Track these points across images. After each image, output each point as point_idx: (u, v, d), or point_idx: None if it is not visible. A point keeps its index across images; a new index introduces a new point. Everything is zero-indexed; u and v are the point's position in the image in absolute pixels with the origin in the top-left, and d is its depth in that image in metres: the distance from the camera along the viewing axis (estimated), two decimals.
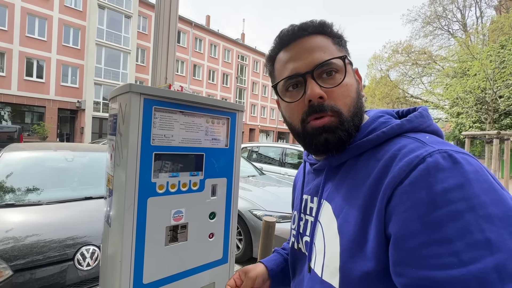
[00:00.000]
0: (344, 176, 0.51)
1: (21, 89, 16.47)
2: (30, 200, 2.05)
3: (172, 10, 1.54)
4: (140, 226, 0.83)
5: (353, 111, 0.51)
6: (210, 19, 29.32)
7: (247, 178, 4.36)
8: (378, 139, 0.48)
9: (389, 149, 0.45)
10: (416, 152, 0.41)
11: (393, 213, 0.39)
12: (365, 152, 0.49)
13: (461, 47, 14.41)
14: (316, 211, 0.55)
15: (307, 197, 0.61)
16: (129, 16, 19.70)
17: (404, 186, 0.38)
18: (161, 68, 1.54)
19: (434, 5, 18.48)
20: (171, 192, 0.90)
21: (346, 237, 0.46)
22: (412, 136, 0.46)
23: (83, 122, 18.25)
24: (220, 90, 27.64)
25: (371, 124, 0.52)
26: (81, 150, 3.00)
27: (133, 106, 0.80)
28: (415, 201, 0.37)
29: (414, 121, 0.49)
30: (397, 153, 0.43)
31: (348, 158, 0.51)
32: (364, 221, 0.43)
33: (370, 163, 0.47)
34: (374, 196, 0.43)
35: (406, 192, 0.38)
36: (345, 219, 0.47)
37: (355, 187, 0.47)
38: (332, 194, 0.52)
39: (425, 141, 0.43)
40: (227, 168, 1.05)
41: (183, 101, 0.90)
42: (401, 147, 0.44)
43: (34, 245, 1.55)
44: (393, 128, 0.48)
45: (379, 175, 0.43)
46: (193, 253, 0.95)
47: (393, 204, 0.39)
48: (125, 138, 0.81)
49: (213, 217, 1.01)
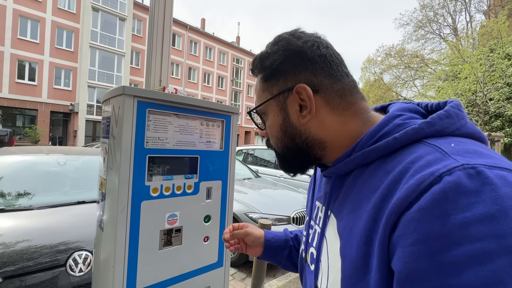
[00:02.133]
0: (350, 188, 0.44)
1: (12, 92, 16.22)
2: (21, 205, 2.00)
3: (167, 13, 1.54)
4: (134, 230, 0.81)
5: (281, 146, 0.52)
6: (205, 22, 29.39)
7: (243, 181, 4.35)
8: (388, 147, 0.40)
9: (402, 160, 0.37)
10: (432, 167, 0.32)
11: (397, 245, 0.31)
12: (374, 161, 0.42)
13: (452, 51, 14.72)
14: (323, 223, 0.50)
15: (318, 204, 0.57)
16: (124, 18, 19.61)
17: (412, 212, 0.31)
18: (155, 71, 1.53)
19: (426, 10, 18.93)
20: (165, 195, 0.89)
21: (348, 262, 0.40)
22: (433, 144, 0.37)
23: (76, 125, 18.02)
24: (215, 93, 27.62)
25: (383, 127, 0.43)
26: (74, 154, 2.96)
27: (127, 108, 0.80)
28: (426, 233, 0.29)
29: (437, 123, 0.39)
30: (409, 167, 0.35)
31: (355, 167, 0.44)
32: (367, 246, 0.36)
33: (379, 175, 0.39)
34: (378, 217, 0.35)
35: (414, 220, 0.30)
36: (348, 240, 0.41)
37: (360, 202, 0.41)
38: (339, 207, 0.46)
39: (448, 151, 0.34)
40: (222, 171, 1.04)
41: (177, 103, 0.89)
42: (416, 158, 0.35)
43: (24, 251, 1.51)
44: (408, 134, 0.39)
45: (386, 192, 0.36)
46: (188, 257, 0.94)
47: (398, 233, 0.32)
48: (118, 141, 0.80)
49: (208, 220, 1.00)
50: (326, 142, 0.48)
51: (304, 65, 0.47)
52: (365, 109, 0.49)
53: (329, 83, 0.47)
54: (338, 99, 0.47)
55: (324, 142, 0.48)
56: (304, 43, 0.48)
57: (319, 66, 0.47)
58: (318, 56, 0.47)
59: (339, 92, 0.47)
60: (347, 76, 0.49)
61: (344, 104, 0.47)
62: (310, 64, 0.47)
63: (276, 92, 0.50)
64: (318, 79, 0.47)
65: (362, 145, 0.43)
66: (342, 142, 0.47)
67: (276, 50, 0.49)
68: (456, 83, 13.25)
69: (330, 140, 0.48)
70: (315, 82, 0.47)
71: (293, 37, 0.49)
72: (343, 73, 0.49)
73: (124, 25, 19.71)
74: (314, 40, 0.48)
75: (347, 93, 0.48)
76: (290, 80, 0.48)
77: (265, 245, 0.72)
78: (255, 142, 31.27)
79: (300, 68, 0.47)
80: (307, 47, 0.47)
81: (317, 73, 0.47)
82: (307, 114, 0.47)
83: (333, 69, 0.47)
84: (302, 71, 0.47)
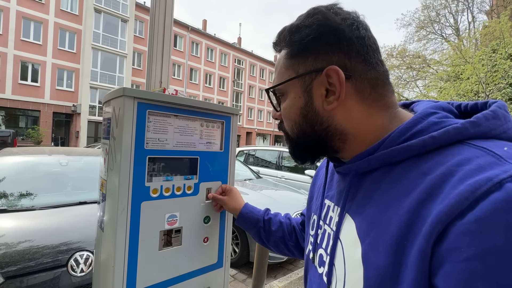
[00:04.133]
0: (374, 188, 0.40)
1: (15, 93, 16.34)
2: (23, 205, 2.02)
3: (167, 14, 1.55)
4: (134, 231, 0.82)
5: (297, 132, 0.47)
6: (206, 24, 29.49)
7: (244, 182, 4.35)
8: (424, 146, 0.35)
9: (442, 162, 0.33)
10: (488, 171, 0.28)
11: (446, 259, 0.28)
12: (404, 161, 0.38)
13: (454, 51, 14.68)
14: (337, 225, 0.45)
15: (329, 203, 0.52)
16: (126, 20, 19.72)
17: (466, 222, 0.27)
18: (156, 72, 1.54)
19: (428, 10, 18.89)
20: (165, 196, 0.89)
21: (373, 271, 0.35)
22: (480, 146, 0.32)
23: (78, 126, 18.11)
24: (216, 93, 27.69)
25: (416, 124, 0.38)
26: (76, 155, 2.97)
27: (127, 110, 0.80)
28: (485, 248, 0.25)
29: (483, 123, 0.35)
30: (454, 170, 0.31)
31: (380, 166, 0.40)
32: (399, 255, 0.32)
33: (411, 176, 0.35)
34: (414, 224, 0.32)
35: (470, 232, 0.26)
36: (372, 247, 0.36)
37: (388, 205, 0.36)
38: (358, 208, 0.42)
39: (502, 155, 0.30)
40: (222, 172, 1.05)
41: (177, 104, 0.90)
42: (463, 161, 0.31)
43: (26, 251, 1.52)
44: (449, 133, 0.35)
45: (424, 196, 0.32)
46: (188, 257, 0.95)
47: (447, 246, 0.28)
48: (118, 142, 0.81)
49: (208, 221, 1.00)
50: (348, 134, 0.44)
51: (340, 45, 0.41)
52: (394, 104, 0.44)
53: (362, 70, 0.42)
54: (369, 89, 0.42)
55: (346, 134, 0.44)
56: (342, 20, 0.42)
57: (355, 49, 0.41)
58: (356, 38, 0.41)
59: (372, 81, 0.42)
60: (382, 64, 0.44)
61: (374, 95, 0.43)
62: (346, 45, 0.41)
63: (302, 71, 0.44)
64: (352, 63, 0.42)
65: (390, 142, 0.39)
66: (365, 136, 0.43)
67: (310, 24, 0.42)
68: (458, 84, 13.19)
69: (353, 132, 0.43)
70: (348, 66, 0.42)
71: (331, 12, 0.43)
72: (378, 61, 0.44)
73: (126, 26, 19.82)
74: (354, 19, 0.43)
75: (380, 83, 0.43)
76: (320, 60, 0.42)
77: (239, 217, 0.87)
78: (256, 143, 31.29)
79: (335, 48, 0.42)
80: (346, 25, 0.42)
81: (352, 57, 0.42)
82: (334, 100, 0.42)
83: (369, 55, 0.42)
84: (336, 52, 0.42)
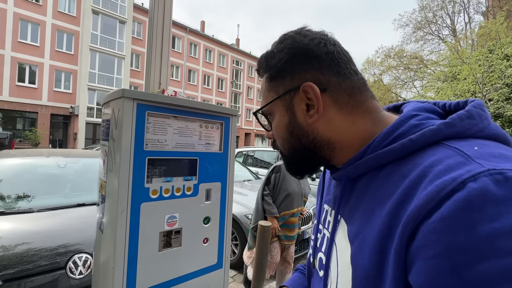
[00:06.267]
0: (363, 192, 0.42)
1: (12, 95, 16.25)
2: (20, 207, 2.00)
3: (166, 15, 1.55)
4: (133, 232, 0.82)
5: (288, 147, 0.50)
6: (205, 25, 29.49)
7: (243, 183, 4.35)
8: (403, 149, 0.37)
9: (419, 163, 0.35)
10: (455, 171, 0.30)
11: (416, 257, 0.29)
12: (388, 164, 0.39)
13: (451, 52, 14.77)
14: (333, 228, 0.47)
15: (327, 208, 0.54)
16: (124, 21, 19.69)
17: (432, 222, 0.28)
18: (155, 73, 1.54)
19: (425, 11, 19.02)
20: (164, 197, 0.89)
21: (359, 271, 0.37)
22: (453, 146, 0.34)
23: (76, 127, 18.03)
24: (215, 94, 27.67)
25: (397, 128, 0.40)
26: (74, 156, 2.96)
27: (126, 111, 0.80)
28: (450, 245, 0.26)
29: (457, 124, 0.36)
30: (427, 171, 0.32)
31: (367, 170, 0.42)
32: (381, 255, 0.34)
33: (393, 178, 0.37)
34: (393, 224, 0.33)
35: (436, 230, 0.28)
36: (359, 248, 0.38)
37: (373, 208, 0.38)
38: (350, 212, 0.44)
39: (471, 154, 0.31)
40: (221, 173, 1.05)
41: (176, 106, 0.90)
42: (435, 161, 0.33)
43: (24, 254, 1.51)
44: (425, 135, 0.36)
45: (402, 197, 0.33)
46: (187, 258, 0.95)
47: (417, 244, 0.29)
48: (117, 144, 0.81)
49: (208, 222, 1.00)
50: (334, 143, 0.46)
51: (311, 63, 0.45)
52: (376, 108, 0.46)
53: (337, 81, 0.45)
54: (346, 98, 0.45)
55: (332, 143, 0.46)
56: (310, 40, 0.46)
57: (326, 64, 0.45)
58: (325, 54, 0.45)
59: (348, 90, 0.45)
60: (355, 74, 0.47)
61: (353, 102, 0.45)
62: (317, 62, 0.45)
63: (282, 92, 0.48)
64: (326, 77, 0.45)
65: (374, 147, 0.41)
66: (351, 143, 0.45)
67: (282, 49, 0.47)
68: (455, 84, 13.27)
69: (339, 140, 0.46)
70: (322, 80, 0.45)
71: (299, 35, 0.47)
72: (352, 70, 0.46)
73: (124, 28, 19.78)
74: (321, 38, 0.46)
75: (356, 91, 0.45)
76: (296, 79, 0.46)
77: None
78: (255, 144, 31.27)
79: (307, 66, 0.45)
80: (314, 44, 0.45)
81: (324, 71, 0.45)
82: (314, 113, 0.45)
83: (341, 67, 0.45)
84: (308, 70, 0.45)
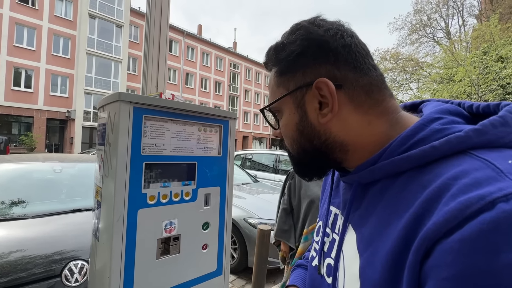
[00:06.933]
0: (376, 200, 0.38)
1: (8, 99, 16.13)
2: (15, 214, 1.96)
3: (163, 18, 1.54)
4: (130, 239, 0.79)
5: (297, 148, 0.46)
6: (202, 28, 29.62)
7: (241, 186, 4.33)
8: (424, 156, 0.33)
9: (441, 173, 0.31)
10: (483, 188, 0.26)
11: (429, 276, 0.27)
12: (405, 172, 0.36)
13: (446, 54, 14.94)
14: (341, 235, 0.44)
15: (336, 211, 0.50)
16: (121, 25, 19.69)
17: (451, 241, 0.25)
18: (152, 77, 1.52)
19: (419, 14, 19.26)
20: (162, 202, 0.87)
21: (368, 285, 0.35)
22: (483, 157, 0.30)
23: (72, 132, 17.91)
24: (212, 98, 27.69)
25: (418, 132, 0.36)
26: (70, 161, 2.92)
27: (123, 115, 0.78)
28: (466, 269, 0.24)
29: (489, 132, 0.32)
30: (450, 183, 0.29)
31: (381, 177, 0.38)
32: (395, 271, 0.31)
33: (412, 188, 0.33)
34: (410, 239, 0.30)
35: (453, 251, 0.25)
36: (369, 261, 0.35)
37: (388, 219, 0.35)
38: (360, 220, 0.40)
39: (504, 169, 0.27)
40: (220, 177, 1.03)
41: (174, 109, 0.88)
42: (460, 173, 0.29)
43: (18, 261, 1.47)
44: (450, 142, 0.32)
45: (421, 211, 0.30)
46: (186, 265, 0.92)
47: (431, 263, 0.27)
48: (114, 148, 0.79)
49: (207, 228, 0.98)
50: (348, 145, 0.42)
51: (326, 57, 0.41)
52: (394, 108, 0.42)
53: (354, 77, 0.41)
54: (363, 96, 0.41)
55: (346, 145, 0.42)
56: (325, 31, 0.41)
57: (342, 58, 0.41)
58: (341, 46, 0.41)
59: (366, 87, 0.41)
60: (374, 69, 0.42)
61: (370, 101, 0.41)
62: (332, 55, 0.40)
63: (292, 88, 0.43)
64: (342, 72, 0.41)
65: (390, 152, 0.37)
66: (366, 146, 0.41)
67: (294, 40, 0.42)
68: (451, 86, 13.40)
69: (352, 143, 0.42)
70: (338, 76, 0.40)
71: (313, 25, 0.42)
72: (370, 65, 0.42)
73: (121, 31, 19.78)
74: (337, 28, 0.42)
75: (375, 89, 0.41)
76: (309, 74, 0.42)
77: None
78: (253, 147, 31.27)
79: (321, 60, 0.41)
80: (329, 35, 0.41)
81: (341, 66, 0.41)
82: (328, 112, 0.41)
83: (358, 61, 0.41)
84: (323, 64, 0.41)
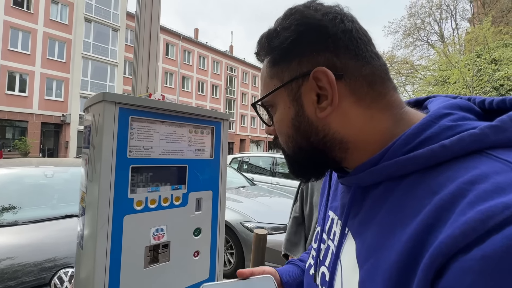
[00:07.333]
0: (377, 205, 0.34)
1: (2, 104, 15.97)
2: (4, 220, 1.91)
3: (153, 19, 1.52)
4: (115, 247, 0.75)
5: (292, 146, 0.41)
6: (198, 32, 29.69)
7: (238, 189, 4.28)
8: (434, 156, 0.29)
9: (454, 177, 0.27)
10: (507, 195, 0.22)
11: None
12: (411, 174, 0.31)
13: (440, 57, 15.12)
14: (339, 242, 0.40)
15: (333, 216, 0.46)
16: (117, 29, 19.67)
17: (470, 259, 0.21)
18: (142, 77, 1.49)
19: (413, 18, 19.52)
20: (150, 208, 0.83)
21: None
22: (503, 158, 0.26)
23: (68, 136, 17.75)
24: (209, 101, 27.69)
25: (425, 129, 0.32)
26: (63, 166, 2.87)
27: (107, 116, 0.75)
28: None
29: (509, 128, 0.28)
30: (466, 189, 0.25)
31: (384, 179, 0.34)
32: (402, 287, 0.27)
33: (419, 193, 0.29)
34: (418, 253, 0.26)
35: (473, 271, 0.21)
36: (370, 275, 0.31)
37: (391, 228, 0.30)
38: (360, 227, 0.36)
39: None
40: (213, 180, 1.00)
41: (163, 110, 0.85)
42: (477, 177, 0.25)
43: (6, 270, 1.42)
44: (463, 141, 0.28)
45: (431, 220, 0.26)
46: (177, 274, 0.88)
47: (445, 284, 0.23)
48: (98, 151, 0.75)
49: (198, 234, 0.95)
50: (348, 142, 0.37)
51: (324, 44, 0.36)
52: (399, 103, 0.37)
53: (355, 67, 0.36)
54: (366, 87, 0.36)
55: (346, 142, 0.38)
56: (323, 15, 0.37)
57: (343, 44, 0.36)
58: (342, 32, 0.36)
59: (368, 78, 0.36)
60: (377, 58, 0.38)
61: (372, 94, 0.36)
62: (331, 41, 0.36)
63: (287, 79, 0.39)
64: (342, 61, 0.36)
65: (394, 151, 0.33)
66: (367, 143, 0.37)
67: (288, 26, 0.38)
68: (446, 88, 13.54)
69: (353, 140, 0.37)
70: (337, 64, 0.36)
71: (309, 9, 0.38)
72: (373, 53, 0.38)
73: (117, 35, 19.75)
74: (336, 12, 0.38)
75: (378, 79, 0.37)
76: (305, 62, 0.37)
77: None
78: (250, 150, 31.23)
79: (319, 47, 0.36)
80: (328, 20, 0.36)
81: (341, 54, 0.36)
82: (327, 106, 0.36)
83: (360, 48, 0.37)
84: (321, 51, 0.37)
